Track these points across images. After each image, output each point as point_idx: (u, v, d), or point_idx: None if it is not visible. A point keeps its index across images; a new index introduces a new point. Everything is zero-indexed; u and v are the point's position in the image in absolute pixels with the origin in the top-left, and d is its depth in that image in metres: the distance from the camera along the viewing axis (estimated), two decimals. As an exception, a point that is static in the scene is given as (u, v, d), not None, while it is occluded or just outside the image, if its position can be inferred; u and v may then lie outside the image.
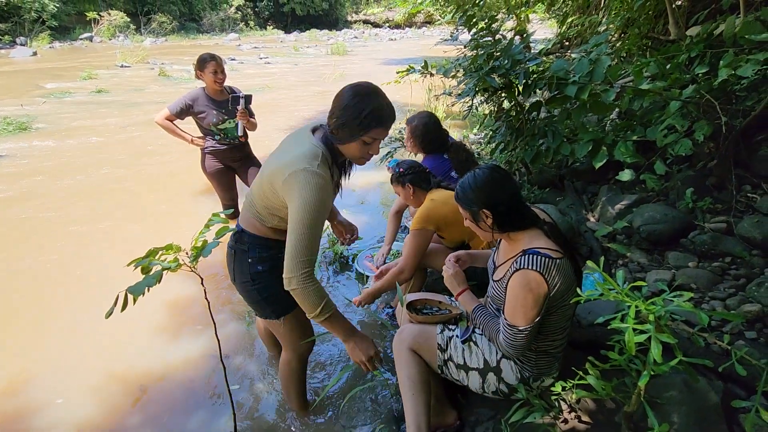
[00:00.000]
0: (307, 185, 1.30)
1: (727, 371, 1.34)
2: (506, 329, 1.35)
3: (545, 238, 1.36)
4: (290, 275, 1.34)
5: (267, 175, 1.44)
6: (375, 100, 1.33)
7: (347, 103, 1.32)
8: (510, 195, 1.38)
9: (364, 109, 1.31)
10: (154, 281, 1.39)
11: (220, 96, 3.07)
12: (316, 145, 1.38)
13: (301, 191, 1.30)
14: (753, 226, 2.29)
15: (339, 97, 1.35)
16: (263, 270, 1.57)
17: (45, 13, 21.77)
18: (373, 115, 1.32)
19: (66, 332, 2.47)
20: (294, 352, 1.74)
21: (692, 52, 2.56)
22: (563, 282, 1.31)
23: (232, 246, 1.60)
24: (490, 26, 3.07)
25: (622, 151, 2.56)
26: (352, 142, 1.37)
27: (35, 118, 7.13)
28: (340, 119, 1.33)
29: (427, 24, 39.80)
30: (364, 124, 1.32)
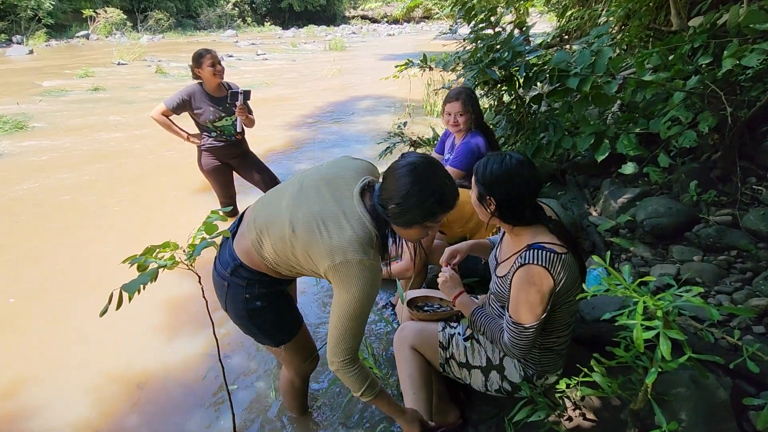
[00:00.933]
0: (361, 279, 1.19)
1: (736, 367, 1.31)
2: (511, 327, 1.31)
3: (550, 233, 1.33)
4: (333, 359, 1.28)
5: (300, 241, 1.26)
6: (437, 184, 1.20)
7: (409, 191, 1.17)
8: (522, 195, 1.31)
9: (429, 196, 1.18)
10: (149, 279, 1.35)
11: (217, 92, 3.03)
12: (369, 227, 1.23)
13: (354, 285, 1.19)
14: (759, 218, 2.26)
15: (397, 180, 1.20)
16: (262, 306, 1.43)
17: (41, 11, 21.64)
18: (438, 202, 1.21)
19: (62, 332, 2.43)
20: (296, 373, 1.67)
21: (695, 43, 2.52)
22: (568, 277, 1.28)
23: (225, 277, 1.41)
24: (490, 18, 3.03)
25: (625, 143, 2.52)
26: (413, 228, 1.25)
27: (32, 116, 7.08)
28: (402, 207, 1.18)
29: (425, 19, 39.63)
30: (430, 212, 1.21)
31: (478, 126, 2.62)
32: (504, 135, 3.53)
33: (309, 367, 1.67)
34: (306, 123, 6.90)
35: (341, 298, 1.22)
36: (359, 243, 1.20)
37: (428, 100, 6.82)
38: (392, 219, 1.23)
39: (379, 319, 2.44)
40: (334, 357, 1.27)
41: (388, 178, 1.24)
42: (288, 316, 1.55)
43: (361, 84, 10.23)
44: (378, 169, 1.47)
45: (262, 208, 1.42)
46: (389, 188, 1.21)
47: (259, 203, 1.48)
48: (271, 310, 1.46)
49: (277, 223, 1.31)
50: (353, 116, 7.28)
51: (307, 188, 1.33)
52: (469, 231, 2.16)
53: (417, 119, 6.51)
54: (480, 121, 2.63)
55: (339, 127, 6.63)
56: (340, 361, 1.27)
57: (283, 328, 1.54)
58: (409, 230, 1.26)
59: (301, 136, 6.18)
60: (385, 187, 1.23)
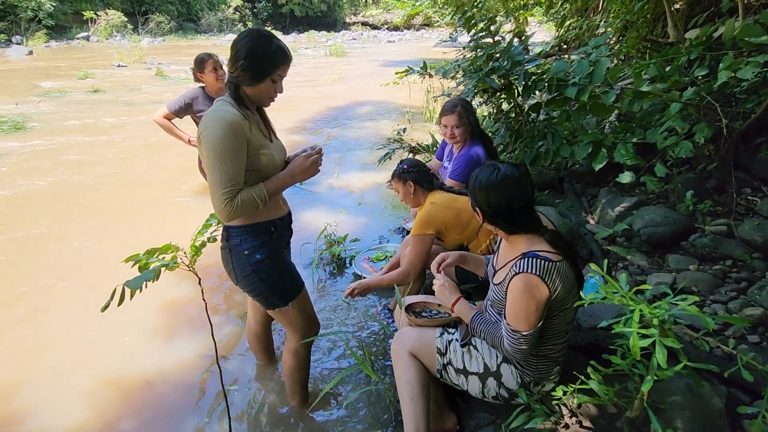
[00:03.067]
0: (209, 121, 1.36)
1: (730, 376, 1.32)
2: (510, 335, 1.33)
3: (545, 242, 1.34)
4: (219, 209, 1.39)
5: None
6: (276, 40, 1.43)
7: (252, 46, 1.39)
8: (508, 207, 1.33)
9: (269, 47, 1.41)
10: (152, 276, 1.36)
11: (219, 95, 3.04)
12: (217, 100, 1.47)
13: (205, 130, 1.36)
14: (754, 228, 2.28)
15: (239, 42, 1.41)
16: (262, 258, 1.56)
17: (41, 12, 21.70)
18: (279, 52, 1.43)
19: (59, 334, 2.42)
20: (302, 336, 1.75)
21: (692, 55, 2.55)
22: (564, 285, 1.29)
23: (225, 245, 1.59)
24: (490, 27, 3.06)
25: (622, 153, 2.55)
26: (262, 82, 1.44)
27: (30, 117, 7.08)
28: (248, 61, 1.39)
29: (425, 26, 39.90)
30: (272, 61, 1.42)
31: (476, 134, 2.64)
32: (503, 143, 3.56)
33: (312, 332, 1.78)
34: (305, 128, 6.92)
35: (205, 143, 1.37)
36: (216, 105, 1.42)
37: (428, 107, 6.86)
38: (242, 80, 1.42)
39: (378, 324, 2.44)
40: (219, 205, 1.39)
41: (233, 47, 1.42)
42: (290, 269, 1.69)
43: (361, 90, 10.27)
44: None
45: None
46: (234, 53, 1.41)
47: None
48: (272, 262, 1.59)
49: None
50: (353, 122, 7.31)
51: None
52: (466, 238, 2.18)
53: (416, 125, 6.55)
54: (478, 129, 2.66)
55: (339, 133, 6.65)
56: (223, 202, 1.38)
57: (288, 281, 1.66)
58: (259, 87, 1.45)
59: (300, 141, 6.20)
60: (232, 55, 1.42)
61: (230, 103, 1.43)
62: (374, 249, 3.12)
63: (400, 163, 2.25)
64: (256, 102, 1.53)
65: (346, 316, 2.56)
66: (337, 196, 4.26)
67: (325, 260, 3.10)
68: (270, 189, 1.49)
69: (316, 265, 3.01)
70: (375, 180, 4.53)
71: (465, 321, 1.52)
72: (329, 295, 2.74)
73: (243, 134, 1.39)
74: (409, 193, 2.24)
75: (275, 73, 1.45)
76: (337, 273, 3.00)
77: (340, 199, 4.20)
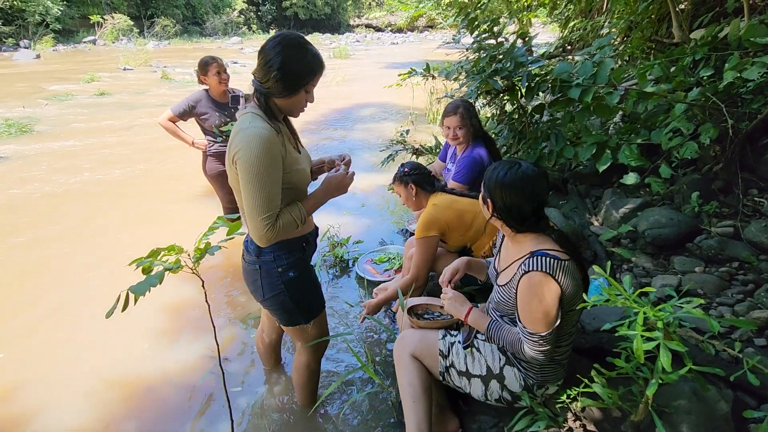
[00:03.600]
0: (243, 142, 1.27)
1: (736, 379, 1.30)
2: (528, 338, 1.31)
3: (552, 241, 1.33)
4: (258, 235, 1.32)
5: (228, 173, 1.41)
6: (309, 47, 1.34)
7: (286, 56, 1.29)
8: (521, 205, 1.32)
9: (304, 56, 1.32)
10: (156, 281, 1.36)
11: (223, 98, 3.06)
12: (244, 112, 1.37)
13: (241, 149, 1.27)
14: (760, 230, 2.26)
15: (271, 50, 1.30)
16: (295, 276, 1.52)
17: (49, 17, 21.94)
18: (315, 61, 1.34)
19: (61, 336, 2.44)
20: (314, 354, 1.74)
21: (697, 55, 2.53)
22: (572, 285, 1.28)
23: (255, 262, 1.51)
24: (493, 29, 3.05)
25: (627, 154, 2.53)
26: (296, 95, 1.36)
27: (37, 120, 7.15)
28: (281, 72, 1.29)
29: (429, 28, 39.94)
30: (307, 72, 1.33)
31: (478, 136, 2.64)
32: (506, 144, 3.55)
33: (324, 346, 1.78)
34: (309, 129, 6.94)
35: (240, 171, 1.28)
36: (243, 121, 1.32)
37: (431, 109, 6.86)
38: (274, 92, 1.33)
39: (380, 326, 2.43)
40: (260, 231, 1.31)
41: (262, 56, 1.32)
42: (318, 286, 1.67)
43: (365, 91, 10.29)
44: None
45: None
46: (266, 64, 1.30)
47: None
48: (305, 279, 1.56)
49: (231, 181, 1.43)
50: (356, 123, 7.32)
51: None
52: (469, 239, 2.17)
53: (420, 127, 6.54)
54: (480, 131, 2.65)
55: (342, 134, 6.66)
56: (264, 229, 1.30)
57: (316, 298, 1.65)
58: (292, 99, 1.36)
59: (305, 142, 6.16)
60: (263, 66, 1.31)
61: (260, 116, 1.34)
62: (377, 251, 3.11)
63: (401, 166, 2.25)
64: (286, 113, 1.44)
65: (350, 318, 2.56)
66: (340, 198, 4.25)
67: (329, 262, 3.10)
68: (308, 209, 1.45)
69: (319, 267, 3.01)
70: (378, 182, 4.53)
71: (481, 331, 1.49)
72: (332, 297, 2.74)
73: (279, 151, 1.32)
74: (410, 196, 2.23)
75: (309, 84, 1.37)
76: (340, 275, 3.00)
77: (344, 200, 4.19)
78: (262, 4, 37.58)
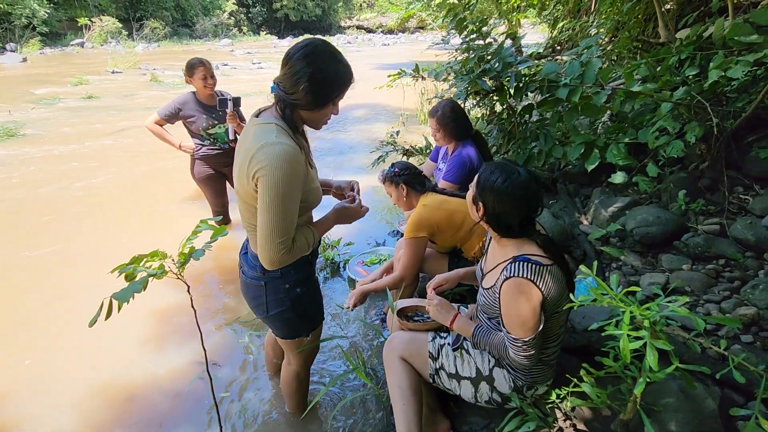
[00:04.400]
0: (269, 158, 1.16)
1: (724, 377, 1.31)
2: (513, 344, 1.31)
3: (537, 246, 1.33)
4: (269, 259, 1.23)
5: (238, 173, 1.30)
6: (339, 56, 1.24)
7: (317, 68, 1.19)
8: (512, 214, 1.30)
9: (336, 66, 1.23)
10: (140, 287, 1.34)
11: (210, 100, 3.03)
12: (266, 122, 1.25)
13: (266, 167, 1.17)
14: (746, 227, 2.28)
15: (299, 60, 1.20)
16: (303, 291, 1.47)
17: (36, 19, 21.65)
18: (346, 72, 1.25)
19: (47, 343, 2.40)
20: (304, 363, 1.72)
21: (682, 54, 2.56)
22: (555, 288, 1.28)
23: (259, 278, 1.44)
24: (481, 29, 3.06)
25: (614, 153, 2.55)
26: (325, 108, 1.28)
27: (23, 124, 7.05)
28: (311, 85, 1.20)
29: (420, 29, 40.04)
30: (338, 84, 1.24)
31: (468, 135, 2.64)
32: (496, 144, 3.56)
33: (314, 355, 1.76)
34: (300, 131, 6.91)
35: (262, 184, 1.18)
36: (265, 132, 1.21)
37: (422, 110, 6.87)
38: (301, 104, 1.23)
39: (371, 328, 2.42)
40: (273, 254, 1.22)
41: (290, 65, 1.21)
42: (321, 298, 1.64)
43: (356, 92, 10.19)
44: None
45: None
46: (293, 74, 1.20)
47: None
48: (311, 294, 1.54)
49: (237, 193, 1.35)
50: (347, 124, 7.30)
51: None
52: (459, 240, 2.16)
53: (410, 128, 6.55)
54: (469, 131, 2.65)
55: (333, 135, 6.64)
56: (278, 253, 1.22)
57: (318, 310, 1.62)
58: (321, 111, 1.27)
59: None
60: (289, 76, 1.21)
61: (283, 129, 1.24)
62: (368, 252, 3.10)
63: (391, 167, 2.24)
64: (309, 125, 1.35)
65: (341, 320, 2.54)
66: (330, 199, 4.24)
67: (319, 264, 3.09)
68: (319, 234, 1.42)
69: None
70: (369, 183, 4.51)
71: (467, 336, 1.48)
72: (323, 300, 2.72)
73: (303, 171, 1.24)
74: (401, 196, 2.23)
75: (339, 96, 1.28)
76: (330, 277, 2.98)
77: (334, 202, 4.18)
78: (252, 6, 37.43)
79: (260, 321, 2.20)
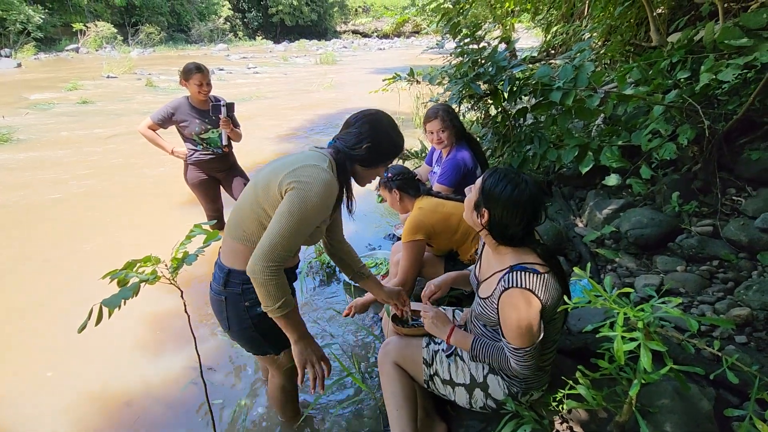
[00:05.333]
0: (311, 177, 1.24)
1: (719, 377, 1.32)
2: (514, 353, 1.29)
3: (534, 254, 1.32)
4: (259, 264, 1.20)
5: (262, 181, 1.32)
6: (398, 131, 1.46)
7: (386, 137, 1.40)
8: (517, 224, 1.29)
9: (394, 138, 1.43)
10: (130, 293, 1.33)
11: (203, 105, 3.02)
12: (324, 153, 1.38)
13: (305, 182, 1.23)
14: (739, 229, 2.30)
15: (374, 125, 1.39)
16: (263, 312, 1.36)
17: (30, 25, 21.60)
18: (400, 146, 1.46)
19: (40, 349, 2.37)
20: (288, 377, 1.67)
21: (674, 58, 2.58)
22: (552, 296, 1.27)
23: (220, 292, 1.42)
24: (474, 33, 3.08)
25: (608, 156, 2.56)
26: (377, 167, 1.45)
27: (17, 129, 7.01)
28: (372, 147, 1.38)
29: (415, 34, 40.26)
30: (391, 153, 1.45)
31: (462, 138, 2.65)
32: (491, 147, 3.57)
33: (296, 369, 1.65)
34: (297, 135, 6.92)
35: (289, 196, 1.23)
36: (313, 157, 1.33)
37: (417, 113, 6.88)
38: (358, 159, 1.39)
39: (368, 333, 2.42)
40: (262, 262, 1.20)
41: (356, 126, 1.40)
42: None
43: (352, 97, 10.31)
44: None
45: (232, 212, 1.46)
46: (362, 131, 1.38)
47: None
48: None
49: (243, 199, 1.38)
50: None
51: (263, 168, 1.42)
52: (455, 243, 2.17)
53: (406, 132, 6.46)
54: (464, 133, 2.66)
55: (328, 139, 6.63)
56: (268, 266, 1.21)
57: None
58: (373, 170, 1.46)
59: (291, 148, 6.19)
60: (358, 131, 1.39)
61: (333, 166, 1.34)
62: (364, 256, 3.10)
63: (386, 171, 2.24)
64: (357, 179, 1.48)
65: (335, 325, 2.53)
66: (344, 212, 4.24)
67: (315, 268, 3.08)
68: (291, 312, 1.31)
69: (305, 274, 2.98)
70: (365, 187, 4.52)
71: (465, 350, 1.46)
72: (318, 305, 2.72)
73: (329, 207, 1.31)
74: (396, 201, 2.23)
75: (390, 162, 1.48)
76: (326, 282, 2.97)
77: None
78: (248, 11, 37.51)
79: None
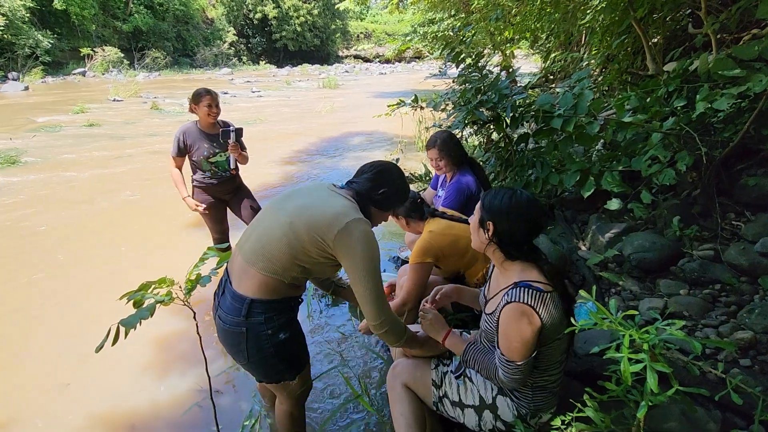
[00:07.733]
0: (366, 235, 1.38)
1: (724, 400, 1.33)
2: (504, 365, 1.32)
3: (538, 272, 1.36)
4: (380, 320, 1.42)
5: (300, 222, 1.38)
6: (407, 184, 1.67)
7: (398, 185, 1.61)
8: (523, 230, 1.35)
9: (404, 194, 1.65)
10: (147, 314, 1.36)
11: (212, 129, 3.10)
12: (347, 196, 1.50)
13: (363, 242, 1.37)
14: (739, 253, 2.33)
15: (388, 173, 1.59)
16: (286, 338, 1.44)
17: (39, 49, 22.11)
18: (407, 194, 1.68)
19: (48, 370, 2.38)
20: (297, 403, 1.67)
21: (670, 87, 2.67)
22: (554, 316, 1.30)
23: (240, 324, 1.39)
24: (477, 62, 3.19)
25: (609, 180, 2.62)
26: (387, 213, 1.65)
27: (25, 151, 7.12)
28: (389, 193, 1.57)
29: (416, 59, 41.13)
30: (402, 200, 1.67)
31: (465, 163, 2.72)
32: (493, 171, 3.64)
33: (307, 393, 1.70)
34: (300, 158, 7.02)
35: (358, 258, 1.36)
36: (352, 208, 1.44)
37: (420, 137, 7.01)
38: (374, 202, 1.56)
39: (375, 355, 2.42)
40: (382, 317, 1.42)
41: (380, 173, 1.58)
42: (304, 339, 1.59)
43: (354, 120, 10.48)
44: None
45: (246, 240, 1.49)
46: (379, 180, 1.56)
47: (241, 240, 1.54)
48: (294, 339, 1.50)
49: (271, 233, 1.41)
50: (346, 152, 7.42)
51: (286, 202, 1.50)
52: (464, 265, 2.20)
53: (409, 155, 6.66)
54: (466, 158, 2.74)
55: (332, 163, 6.75)
56: (385, 319, 1.42)
57: (301, 352, 1.58)
58: (385, 213, 1.65)
59: (295, 171, 6.27)
60: (376, 179, 1.56)
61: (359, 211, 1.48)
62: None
63: None
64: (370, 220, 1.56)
65: (342, 348, 2.54)
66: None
67: (320, 291, 3.10)
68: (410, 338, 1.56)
69: (311, 296, 3.00)
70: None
71: (457, 354, 1.50)
72: (324, 327, 2.73)
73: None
74: (404, 225, 2.28)
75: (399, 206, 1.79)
76: (332, 304, 2.99)
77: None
78: (252, 37, 38.47)
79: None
